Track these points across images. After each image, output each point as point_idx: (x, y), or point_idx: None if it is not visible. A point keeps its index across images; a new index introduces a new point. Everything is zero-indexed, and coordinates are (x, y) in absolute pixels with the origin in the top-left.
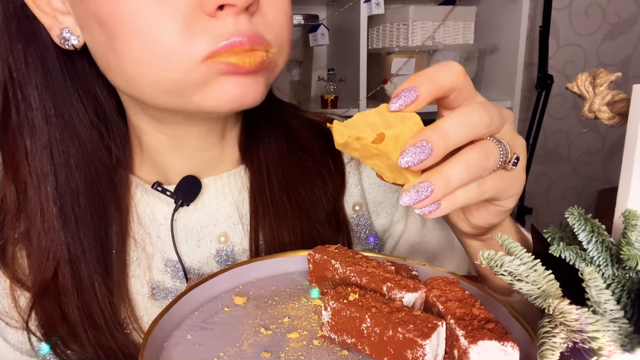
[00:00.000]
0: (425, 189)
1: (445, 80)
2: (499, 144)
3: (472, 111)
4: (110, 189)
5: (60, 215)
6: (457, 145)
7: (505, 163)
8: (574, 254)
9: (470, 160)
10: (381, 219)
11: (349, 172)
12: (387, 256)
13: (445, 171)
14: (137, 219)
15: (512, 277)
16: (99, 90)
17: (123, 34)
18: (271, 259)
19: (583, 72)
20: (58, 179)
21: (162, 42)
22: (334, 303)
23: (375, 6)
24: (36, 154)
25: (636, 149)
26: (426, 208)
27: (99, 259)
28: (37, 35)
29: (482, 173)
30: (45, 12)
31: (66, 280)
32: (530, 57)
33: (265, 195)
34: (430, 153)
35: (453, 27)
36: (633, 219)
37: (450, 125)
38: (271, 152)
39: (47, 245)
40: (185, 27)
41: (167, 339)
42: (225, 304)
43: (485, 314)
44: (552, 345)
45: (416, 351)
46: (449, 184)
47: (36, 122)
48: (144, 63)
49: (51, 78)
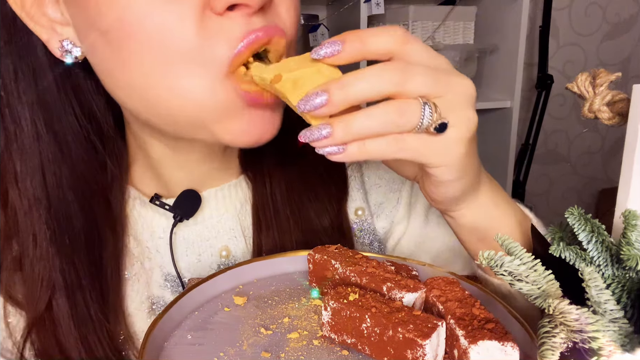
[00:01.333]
0: (321, 129)
1: (376, 44)
2: (425, 106)
3: (385, 67)
4: (105, 209)
5: (53, 240)
6: (359, 98)
7: (429, 126)
8: (574, 254)
9: (375, 112)
10: (382, 221)
11: (350, 175)
12: (387, 256)
13: (347, 117)
14: (135, 233)
15: (512, 277)
16: (95, 105)
17: (131, 43)
18: (271, 259)
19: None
20: (51, 202)
21: (178, 48)
22: (334, 303)
23: (375, 6)
24: (27, 176)
25: (636, 149)
26: (328, 149)
27: (94, 284)
28: (29, 49)
29: (394, 129)
30: (41, 24)
31: (62, 310)
32: (530, 57)
33: (268, 210)
34: (326, 101)
35: (453, 27)
36: (633, 219)
37: (354, 78)
38: (273, 162)
39: (41, 272)
40: (200, 29)
41: (167, 339)
42: (225, 304)
43: (485, 314)
44: (552, 345)
45: (416, 351)
46: (348, 128)
47: (26, 142)
48: (157, 74)
49: (44, 94)
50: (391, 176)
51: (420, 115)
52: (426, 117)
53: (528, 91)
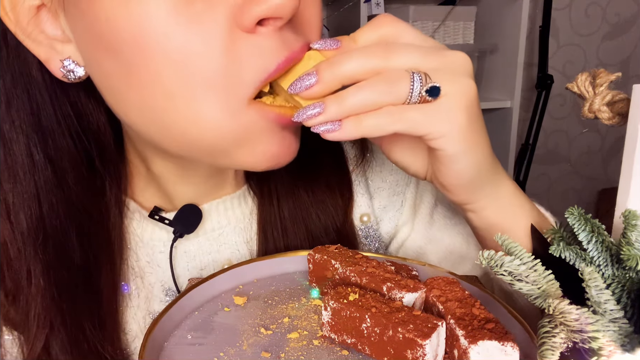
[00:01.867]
0: (314, 106)
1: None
2: (414, 74)
3: (374, 45)
4: (104, 232)
5: (50, 275)
6: (348, 75)
7: (420, 92)
8: (574, 254)
9: (365, 84)
10: (386, 225)
11: (354, 180)
12: (387, 256)
13: (339, 93)
14: (135, 247)
15: (512, 277)
16: (95, 124)
17: (150, 63)
18: (271, 259)
19: (583, 72)
20: (46, 234)
21: (204, 70)
22: (334, 303)
23: (375, 6)
24: (20, 209)
25: (636, 149)
26: (325, 126)
27: (92, 314)
28: (23, 69)
29: (386, 98)
30: (38, 41)
31: (60, 348)
32: (530, 57)
33: (276, 229)
34: (315, 81)
35: (453, 27)
36: (633, 219)
37: (342, 57)
38: (279, 174)
39: (37, 311)
40: (228, 49)
41: (167, 339)
42: (225, 304)
43: (485, 314)
44: (552, 345)
45: (416, 351)
46: (340, 101)
47: (20, 171)
48: (177, 97)
49: (39, 117)
50: (395, 178)
51: (410, 82)
52: (416, 83)
53: (528, 91)
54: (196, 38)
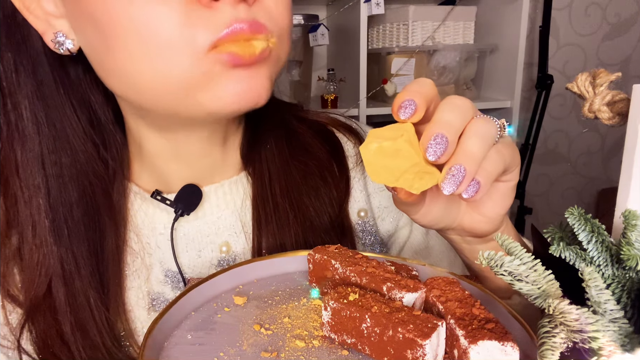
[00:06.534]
0: (459, 170)
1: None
2: (485, 115)
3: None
4: (106, 201)
5: (52, 228)
6: (460, 128)
7: (501, 129)
8: (574, 254)
9: (478, 130)
10: (386, 224)
11: (354, 177)
12: (387, 256)
13: (465, 147)
14: (136, 229)
15: (512, 277)
16: (93, 98)
17: (118, 31)
18: (271, 259)
19: (583, 72)
20: (50, 191)
21: (162, 36)
22: (334, 303)
23: (375, 6)
24: (27, 165)
25: (636, 149)
26: (469, 189)
27: (94, 273)
28: (28, 43)
29: (492, 140)
30: (38, 16)
31: (60, 297)
32: (530, 57)
33: (267, 204)
34: (447, 142)
35: (453, 27)
36: (633, 219)
37: (444, 114)
38: (273, 159)
39: (39, 260)
40: (184, 19)
41: (167, 339)
42: (225, 304)
43: (485, 314)
44: (552, 345)
45: (416, 351)
46: (474, 157)
47: (27, 132)
48: (143, 60)
49: (43, 86)
50: None
51: (493, 121)
52: (495, 122)
53: (528, 91)
54: (158, 9)
